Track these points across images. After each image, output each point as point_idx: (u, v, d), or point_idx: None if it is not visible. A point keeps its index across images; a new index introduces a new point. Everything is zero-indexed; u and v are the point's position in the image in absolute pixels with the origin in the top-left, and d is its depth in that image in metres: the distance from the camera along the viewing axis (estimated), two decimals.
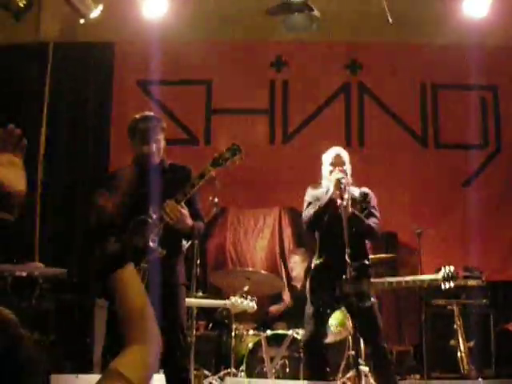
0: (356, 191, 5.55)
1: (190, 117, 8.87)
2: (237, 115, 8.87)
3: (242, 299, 6.57)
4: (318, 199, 5.39)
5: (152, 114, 4.75)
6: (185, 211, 4.23)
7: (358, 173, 5.87)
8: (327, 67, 8.85)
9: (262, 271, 7.20)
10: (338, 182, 5.15)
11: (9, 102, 8.62)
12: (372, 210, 5.48)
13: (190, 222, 4.29)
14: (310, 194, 5.52)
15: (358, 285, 5.05)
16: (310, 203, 5.45)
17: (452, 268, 5.25)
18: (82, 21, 8.53)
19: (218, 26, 8.57)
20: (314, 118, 8.76)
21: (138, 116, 4.59)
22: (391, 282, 5.26)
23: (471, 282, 7.67)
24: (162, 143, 4.52)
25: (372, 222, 5.40)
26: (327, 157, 5.55)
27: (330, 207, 5.21)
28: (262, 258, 8.39)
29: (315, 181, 5.70)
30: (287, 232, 8.56)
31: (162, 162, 4.52)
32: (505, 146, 8.71)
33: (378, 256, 6.95)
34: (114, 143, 8.69)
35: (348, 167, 5.51)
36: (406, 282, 5.28)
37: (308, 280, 5.68)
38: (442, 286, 5.26)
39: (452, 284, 5.24)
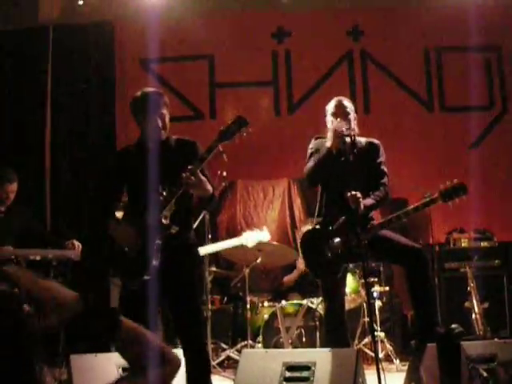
0: (363, 141, 5.24)
1: (193, 92, 8.84)
2: (241, 88, 8.84)
3: (254, 232, 6.59)
4: (317, 151, 5.18)
5: (153, 88, 4.69)
6: (204, 177, 4.20)
7: None
8: (329, 35, 8.80)
9: (274, 242, 7.22)
10: (336, 131, 4.94)
11: (11, 88, 8.63)
12: (382, 167, 5.21)
13: (209, 187, 4.25)
14: (311, 146, 5.31)
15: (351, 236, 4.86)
16: (311, 155, 5.23)
17: (454, 181, 4.86)
18: (80, 1, 8.56)
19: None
20: (318, 87, 8.73)
21: (138, 93, 4.55)
22: (389, 220, 5.00)
23: (483, 244, 7.69)
24: (167, 118, 4.49)
25: (382, 183, 5.14)
26: (329, 107, 5.32)
27: (329, 159, 5.03)
28: (273, 229, 8.39)
29: None
30: (297, 202, 8.56)
31: (169, 138, 4.50)
32: (511, 107, 8.67)
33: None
34: (119, 122, 8.68)
35: (352, 116, 5.21)
36: (405, 212, 4.95)
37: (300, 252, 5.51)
38: (443, 202, 4.82)
39: (456, 198, 4.79)
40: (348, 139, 4.80)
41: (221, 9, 8.73)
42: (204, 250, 6.45)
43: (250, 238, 6.48)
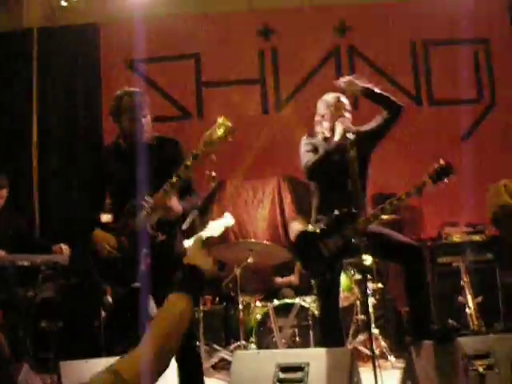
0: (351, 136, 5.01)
1: (180, 92, 8.81)
2: (228, 87, 8.79)
3: (217, 220, 6.55)
4: (315, 147, 5.14)
5: (135, 89, 4.59)
6: (173, 201, 4.12)
7: None
8: (315, 31, 8.75)
9: (265, 242, 7.16)
10: (345, 131, 4.92)
11: None
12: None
13: (179, 208, 4.18)
14: (306, 142, 5.24)
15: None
16: (307, 151, 5.16)
17: (441, 161, 4.78)
18: (64, 3, 8.49)
19: None
20: (305, 84, 8.71)
21: (120, 92, 4.46)
22: (382, 208, 4.89)
23: (475, 238, 7.66)
24: (149, 118, 4.41)
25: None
26: (328, 99, 5.26)
27: (333, 155, 5.00)
28: (263, 228, 8.35)
29: None
30: (287, 200, 8.51)
31: (152, 139, 4.42)
32: (499, 99, 8.66)
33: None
34: (106, 124, 8.63)
35: (349, 113, 5.22)
36: (398, 199, 4.87)
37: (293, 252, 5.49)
38: (434, 183, 4.75)
39: (445, 178, 4.73)
40: (351, 136, 4.77)
41: (204, 10, 8.70)
42: None
43: (215, 228, 6.41)
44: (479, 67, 8.72)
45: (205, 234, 6.38)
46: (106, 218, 4.50)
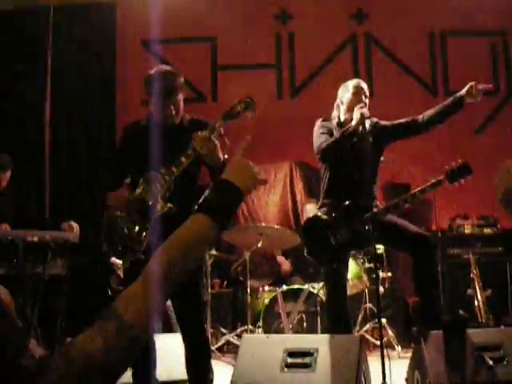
0: (367, 123, 4.96)
1: (196, 74, 8.76)
2: (243, 70, 8.78)
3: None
4: (330, 130, 5.09)
5: (169, 68, 4.47)
6: (217, 142, 4.01)
7: None
8: (333, 18, 8.72)
9: (275, 226, 7.15)
10: (363, 116, 4.87)
11: (12, 69, 8.56)
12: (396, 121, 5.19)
13: (221, 156, 4.06)
14: (322, 125, 5.16)
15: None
16: (323, 133, 5.09)
17: (459, 161, 4.74)
18: None
19: None
20: (321, 71, 8.68)
21: (153, 72, 4.35)
22: (396, 203, 4.87)
23: (486, 231, 7.62)
24: (181, 102, 4.32)
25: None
26: (349, 85, 5.17)
27: (349, 139, 4.96)
28: (274, 213, 8.35)
29: None
30: (299, 186, 8.50)
31: (182, 120, 4.34)
32: None
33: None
34: (120, 103, 8.64)
35: (367, 99, 5.13)
36: (412, 195, 4.84)
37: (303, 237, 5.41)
38: (450, 183, 4.69)
39: (462, 179, 4.70)
40: (367, 123, 4.73)
41: None
42: None
43: None
44: (496, 59, 8.66)
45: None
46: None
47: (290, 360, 4.14)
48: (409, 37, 8.68)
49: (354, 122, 4.90)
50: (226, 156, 4.01)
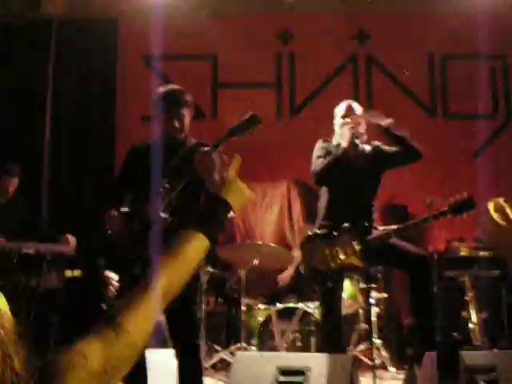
0: (367, 147, 5.30)
1: (196, 92, 8.70)
2: (243, 89, 8.79)
3: None
4: (328, 152, 5.17)
5: (176, 87, 4.60)
6: (217, 161, 4.01)
7: None
8: (334, 38, 8.75)
9: (272, 244, 7.14)
10: (353, 137, 4.91)
11: (13, 83, 8.58)
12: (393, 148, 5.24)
13: (217, 176, 4.06)
14: (321, 146, 5.26)
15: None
16: (319, 157, 5.18)
17: (464, 195, 4.81)
18: None
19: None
20: (321, 91, 8.71)
21: (161, 89, 4.46)
22: (396, 230, 4.91)
23: (483, 253, 7.61)
24: (187, 119, 4.38)
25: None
26: (339, 109, 5.32)
27: (342, 161, 5.01)
28: (271, 231, 8.33)
29: None
30: (296, 206, 8.47)
31: (186, 139, 4.38)
32: None
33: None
34: (120, 119, 8.66)
35: (361, 119, 5.21)
36: (414, 223, 4.88)
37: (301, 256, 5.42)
38: (453, 215, 4.77)
39: (465, 213, 4.75)
40: (358, 142, 4.79)
41: (225, 11, 8.69)
42: None
43: None
44: (496, 83, 8.70)
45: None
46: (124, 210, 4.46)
47: (282, 378, 4.12)
48: (409, 58, 8.69)
49: (343, 144, 4.96)
50: (225, 174, 4.02)
